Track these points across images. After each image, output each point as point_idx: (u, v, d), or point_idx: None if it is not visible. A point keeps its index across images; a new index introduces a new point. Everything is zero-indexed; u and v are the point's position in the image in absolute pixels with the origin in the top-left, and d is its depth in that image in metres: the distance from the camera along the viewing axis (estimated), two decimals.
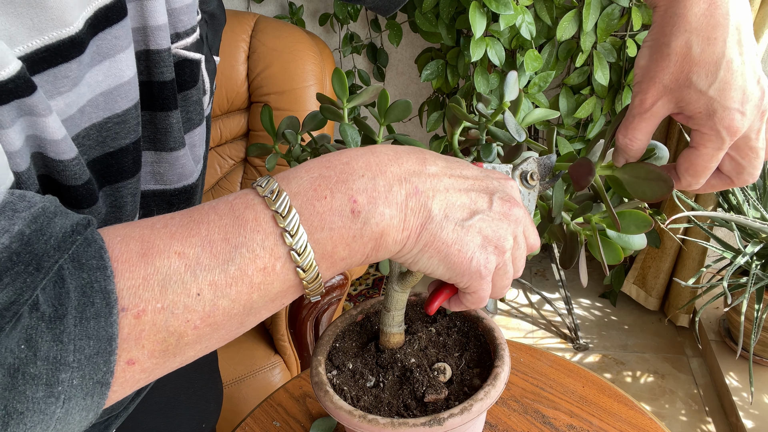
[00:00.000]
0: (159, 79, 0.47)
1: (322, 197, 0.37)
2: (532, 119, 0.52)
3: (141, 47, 0.46)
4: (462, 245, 0.40)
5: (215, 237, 0.35)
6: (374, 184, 0.38)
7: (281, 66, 1.65)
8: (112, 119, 0.43)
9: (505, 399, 0.76)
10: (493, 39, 1.54)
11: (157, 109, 0.48)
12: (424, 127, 2.02)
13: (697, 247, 1.82)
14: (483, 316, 0.66)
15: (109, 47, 0.41)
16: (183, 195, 0.53)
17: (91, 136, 0.43)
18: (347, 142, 0.52)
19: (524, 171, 0.49)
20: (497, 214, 0.41)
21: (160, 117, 0.48)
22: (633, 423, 0.72)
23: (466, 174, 0.42)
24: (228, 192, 1.72)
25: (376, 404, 0.58)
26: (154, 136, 0.49)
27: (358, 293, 2.25)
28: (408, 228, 0.39)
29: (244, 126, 1.74)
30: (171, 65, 0.47)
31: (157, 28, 0.45)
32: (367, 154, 0.40)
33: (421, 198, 0.39)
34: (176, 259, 0.34)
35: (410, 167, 0.39)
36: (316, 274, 0.37)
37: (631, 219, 0.43)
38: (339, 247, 0.38)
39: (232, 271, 0.35)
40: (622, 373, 1.85)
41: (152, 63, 0.46)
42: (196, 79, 0.51)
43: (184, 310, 0.34)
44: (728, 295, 1.42)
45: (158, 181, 0.51)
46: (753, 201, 1.45)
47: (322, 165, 0.39)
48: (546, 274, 2.27)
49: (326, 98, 0.56)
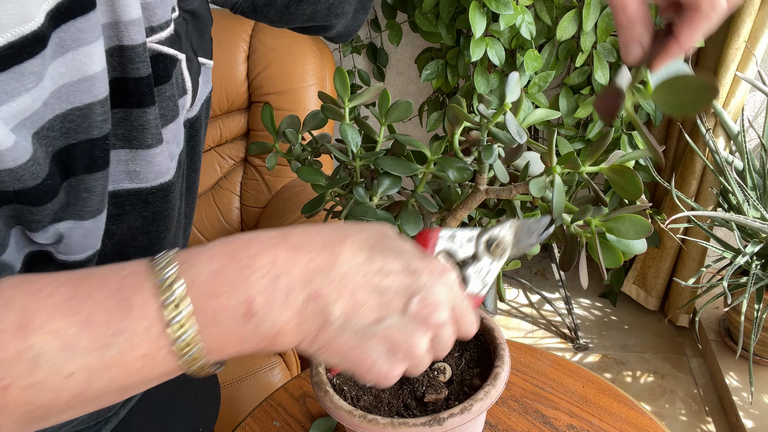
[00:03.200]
0: (134, 75, 0.46)
1: (218, 294, 0.36)
2: (533, 120, 0.52)
3: (114, 43, 0.44)
4: (362, 352, 0.38)
5: (98, 319, 0.34)
6: (275, 285, 0.36)
7: (281, 66, 1.65)
8: (74, 111, 0.42)
9: (505, 399, 0.76)
10: (493, 39, 1.54)
11: (132, 106, 0.47)
12: (424, 127, 2.01)
13: (697, 247, 1.82)
14: (483, 316, 0.66)
15: (72, 40, 0.40)
16: (159, 193, 0.52)
17: (55, 128, 0.41)
18: (347, 141, 0.52)
19: (492, 238, 0.47)
20: (413, 318, 0.39)
21: (135, 114, 0.47)
22: (633, 423, 0.72)
23: (390, 269, 0.39)
24: (228, 192, 1.72)
25: (376, 404, 0.58)
26: (129, 133, 0.48)
27: None
28: (303, 331, 0.37)
29: (244, 126, 1.74)
30: (147, 60, 0.46)
31: (131, 23, 0.44)
32: (276, 246, 0.38)
33: (321, 302, 0.37)
34: (53, 338, 0.33)
35: (319, 265, 0.38)
36: (201, 365, 0.37)
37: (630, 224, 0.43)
38: (229, 345, 0.37)
39: (111, 356, 0.34)
40: (622, 373, 1.85)
41: (127, 59, 0.45)
42: (169, 75, 0.50)
43: (54, 389, 0.33)
44: (728, 295, 1.42)
45: (134, 179, 0.50)
46: (753, 201, 1.45)
47: (227, 255, 0.37)
48: (546, 274, 2.27)
49: (327, 97, 0.56)
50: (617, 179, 0.44)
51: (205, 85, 0.57)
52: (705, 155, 1.66)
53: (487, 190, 0.51)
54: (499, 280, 0.60)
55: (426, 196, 0.53)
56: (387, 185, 0.50)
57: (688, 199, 1.61)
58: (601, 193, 0.46)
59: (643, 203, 0.51)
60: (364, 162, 0.53)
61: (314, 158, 0.59)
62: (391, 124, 0.54)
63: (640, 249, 0.46)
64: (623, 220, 0.43)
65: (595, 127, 1.69)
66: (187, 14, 0.53)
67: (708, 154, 1.66)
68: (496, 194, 0.51)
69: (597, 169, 0.46)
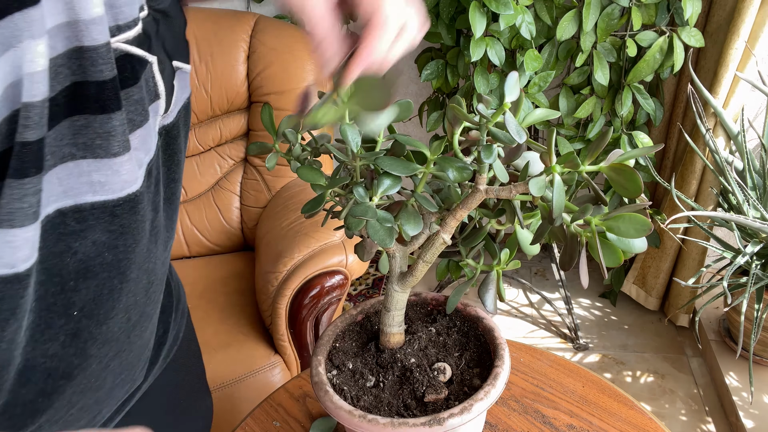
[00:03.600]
0: (97, 78, 0.43)
1: None
2: (533, 119, 0.52)
3: (72, 44, 0.41)
4: None
5: None
6: None
7: (281, 66, 1.65)
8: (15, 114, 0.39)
9: (505, 399, 0.76)
10: (493, 39, 1.54)
11: (95, 112, 0.44)
12: (424, 127, 2.01)
13: (697, 247, 1.82)
14: (483, 316, 0.66)
15: (11, 36, 0.37)
16: (127, 204, 0.49)
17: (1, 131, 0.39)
18: (347, 141, 0.52)
19: None
20: None
21: (99, 120, 0.44)
22: (633, 423, 0.72)
23: None
24: (228, 192, 1.72)
25: (376, 404, 0.58)
26: (93, 141, 0.44)
27: (358, 293, 2.25)
28: None
29: (244, 126, 1.74)
30: (111, 62, 0.43)
31: (91, 22, 0.41)
32: None
33: None
34: None
35: None
36: None
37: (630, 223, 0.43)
38: None
39: None
40: (622, 373, 1.85)
41: (87, 61, 0.42)
42: (137, 77, 0.47)
43: None
44: (728, 295, 1.42)
45: (98, 191, 0.46)
46: (753, 201, 1.45)
47: None
48: (546, 274, 2.27)
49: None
50: (617, 178, 0.44)
51: (182, 91, 0.54)
52: (705, 155, 1.66)
53: (486, 189, 0.51)
54: (499, 281, 0.60)
55: (426, 196, 0.53)
56: (387, 185, 0.50)
57: (688, 199, 1.61)
58: (601, 192, 0.46)
59: (643, 201, 0.51)
60: (364, 162, 0.53)
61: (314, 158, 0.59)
62: (391, 124, 0.54)
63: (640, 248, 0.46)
64: (623, 218, 0.43)
65: (596, 127, 1.69)
66: (158, 14, 0.50)
67: (708, 154, 1.66)
68: (496, 194, 0.51)
69: (597, 168, 0.46)
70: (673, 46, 1.54)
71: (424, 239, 0.57)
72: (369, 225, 0.50)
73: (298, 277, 1.34)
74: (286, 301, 1.35)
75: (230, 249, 1.76)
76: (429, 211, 0.54)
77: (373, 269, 2.37)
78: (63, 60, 0.42)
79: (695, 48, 1.64)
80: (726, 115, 1.62)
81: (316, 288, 1.34)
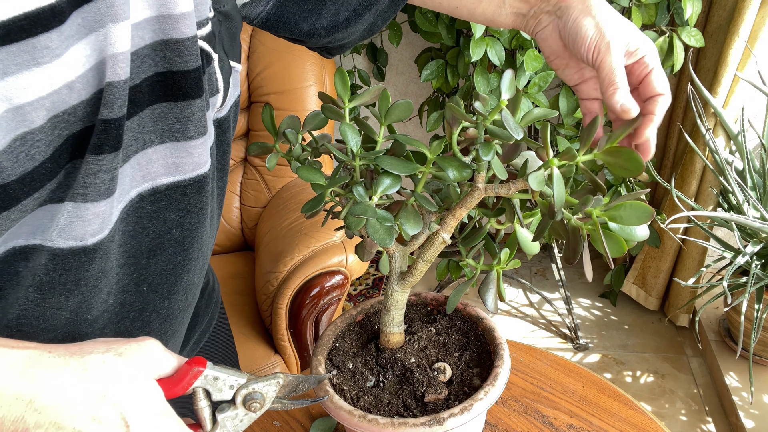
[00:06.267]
0: (182, 68, 0.46)
1: None
2: (531, 118, 0.52)
3: (159, 37, 0.45)
4: None
5: None
6: None
7: (281, 66, 1.65)
8: (96, 95, 0.42)
9: (505, 399, 0.76)
10: (493, 39, 1.54)
11: (178, 99, 0.47)
12: (424, 127, 2.02)
13: (697, 247, 1.82)
14: (483, 316, 0.66)
15: (93, 20, 0.40)
16: (196, 185, 0.52)
17: (78, 112, 0.42)
18: (347, 141, 0.52)
19: (251, 395, 0.49)
20: None
21: (180, 106, 0.48)
22: (633, 423, 0.72)
23: None
24: (228, 191, 1.72)
25: (376, 404, 0.58)
26: (172, 126, 0.48)
27: (358, 293, 2.25)
28: None
29: (244, 126, 1.74)
30: (197, 53, 0.46)
31: (182, 16, 0.44)
32: None
33: None
34: None
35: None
36: None
37: (632, 210, 0.43)
38: None
39: None
40: (622, 373, 1.85)
41: (173, 53, 0.45)
42: (203, 70, 0.50)
43: None
44: (728, 295, 1.42)
45: (172, 172, 0.51)
46: (753, 201, 1.45)
47: None
48: (546, 274, 2.27)
49: (328, 97, 0.56)
50: (615, 161, 0.44)
51: (235, 88, 0.58)
52: (705, 155, 1.67)
53: (485, 188, 0.51)
54: (499, 280, 0.60)
55: (425, 196, 0.53)
56: (387, 185, 0.50)
57: (688, 199, 1.61)
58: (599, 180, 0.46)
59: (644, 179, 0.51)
60: (364, 162, 0.53)
61: (314, 158, 0.59)
62: (391, 124, 0.54)
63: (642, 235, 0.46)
64: (624, 207, 0.43)
65: None
66: (221, 15, 0.53)
67: (708, 154, 1.66)
68: (495, 192, 0.51)
69: (593, 156, 0.46)
70: (673, 46, 1.54)
71: (424, 239, 0.57)
72: (369, 224, 0.51)
73: (298, 277, 1.34)
74: (286, 301, 1.35)
75: (230, 249, 1.77)
76: (429, 210, 0.54)
77: (373, 269, 2.37)
78: (148, 51, 0.45)
79: (695, 48, 1.64)
80: (726, 115, 1.62)
81: (316, 288, 1.34)
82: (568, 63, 0.59)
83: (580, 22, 0.54)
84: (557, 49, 0.59)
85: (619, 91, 0.52)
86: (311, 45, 0.67)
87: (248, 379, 0.49)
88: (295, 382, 0.52)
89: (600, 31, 0.53)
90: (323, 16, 0.63)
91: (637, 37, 0.54)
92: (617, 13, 0.55)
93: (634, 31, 0.55)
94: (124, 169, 0.47)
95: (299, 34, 0.64)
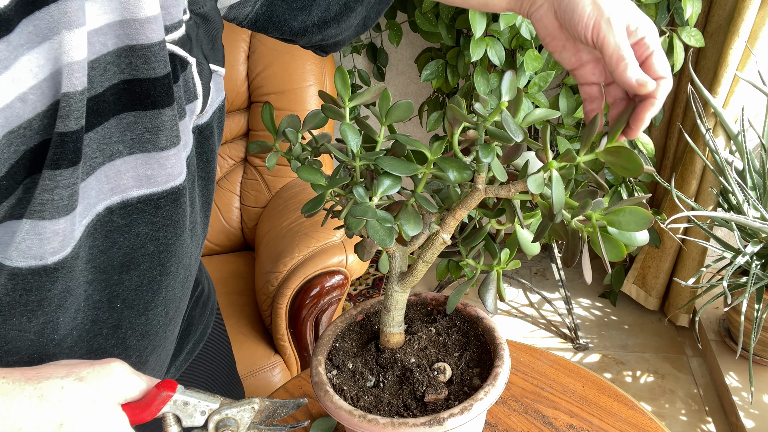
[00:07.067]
0: (149, 75, 0.44)
1: None
2: (532, 119, 0.52)
3: (123, 42, 0.42)
4: None
5: None
6: None
7: (281, 66, 1.65)
8: (52, 107, 0.40)
9: (505, 399, 0.76)
10: (493, 39, 1.54)
11: (146, 108, 0.45)
12: (424, 127, 2.01)
13: (697, 247, 1.82)
14: (483, 316, 0.66)
15: (47, 28, 0.38)
16: (170, 198, 0.50)
17: (34, 126, 0.39)
18: (347, 141, 0.52)
19: (224, 421, 0.47)
20: None
21: (150, 116, 0.45)
22: (633, 423, 0.72)
23: None
24: (228, 191, 1.72)
25: (376, 404, 0.58)
26: (141, 136, 0.46)
27: (358, 293, 2.25)
28: None
29: (244, 126, 1.74)
30: (165, 59, 0.44)
31: (147, 20, 0.42)
32: None
33: None
34: None
35: None
36: None
37: (631, 216, 0.43)
38: None
39: None
40: (622, 373, 1.85)
41: (139, 59, 0.43)
42: (177, 77, 0.48)
43: None
44: (728, 295, 1.42)
45: (143, 184, 0.48)
46: (753, 201, 1.45)
47: None
48: (546, 274, 2.27)
49: (328, 97, 0.56)
50: (615, 160, 0.44)
51: (218, 93, 0.56)
52: (705, 155, 1.66)
53: (485, 189, 0.51)
54: (499, 281, 0.60)
55: (426, 196, 0.53)
56: (387, 185, 0.50)
57: (688, 199, 1.61)
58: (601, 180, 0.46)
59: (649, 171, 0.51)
60: (364, 162, 0.53)
61: (314, 158, 0.59)
62: (392, 124, 0.54)
63: (642, 240, 0.46)
64: (624, 212, 0.43)
65: None
66: (198, 18, 0.51)
67: (708, 154, 1.66)
68: (495, 193, 0.51)
69: (593, 156, 0.46)
70: (673, 45, 1.54)
71: (424, 239, 0.57)
72: (369, 225, 0.50)
73: (298, 277, 1.34)
74: (286, 301, 1.35)
75: (230, 249, 1.76)
76: (429, 211, 0.54)
77: (373, 269, 2.37)
78: (112, 58, 0.42)
79: (695, 48, 1.64)
80: (726, 115, 1.62)
81: (316, 288, 1.34)
82: (564, 45, 0.57)
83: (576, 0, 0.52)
84: (553, 30, 0.56)
85: (630, 66, 0.49)
86: (304, 43, 0.66)
87: (221, 404, 0.48)
88: (272, 407, 0.51)
89: (598, 7, 0.51)
90: (314, 12, 0.61)
91: (637, 16, 0.52)
92: None
93: (634, 9, 0.52)
94: (88, 182, 0.45)
95: (290, 32, 0.62)
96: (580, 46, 0.56)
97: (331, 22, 0.63)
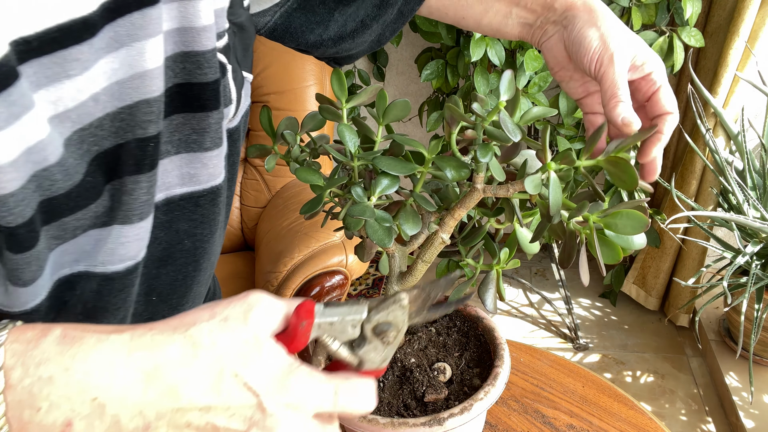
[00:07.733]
0: (201, 80, 0.46)
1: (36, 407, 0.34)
2: (530, 117, 0.52)
3: (179, 48, 0.45)
4: None
5: None
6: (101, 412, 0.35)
7: (281, 66, 1.65)
8: (125, 110, 0.42)
9: (505, 399, 0.76)
10: (492, 39, 1.54)
11: (195, 110, 0.47)
12: (423, 127, 2.01)
13: (697, 247, 1.82)
14: (483, 316, 0.66)
15: (126, 35, 0.40)
16: (209, 196, 0.52)
17: (105, 126, 0.41)
18: (345, 142, 0.52)
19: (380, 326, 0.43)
20: None
21: (198, 118, 0.47)
22: (633, 423, 0.72)
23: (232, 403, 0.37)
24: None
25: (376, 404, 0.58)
26: (188, 137, 0.48)
27: (358, 293, 2.25)
28: None
29: None
30: (216, 65, 0.46)
31: (203, 29, 0.44)
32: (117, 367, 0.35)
33: None
34: None
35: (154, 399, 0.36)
36: None
37: (628, 219, 0.43)
38: None
39: None
40: (622, 373, 1.85)
41: (193, 65, 0.45)
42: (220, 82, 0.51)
43: None
44: (728, 294, 1.42)
45: (186, 183, 0.50)
46: (753, 201, 1.45)
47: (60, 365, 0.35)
48: (546, 274, 2.27)
49: (325, 98, 0.56)
50: (614, 170, 0.44)
51: (246, 98, 0.57)
52: (705, 155, 1.66)
53: (484, 188, 0.51)
54: (498, 280, 0.60)
55: (424, 196, 0.53)
56: (385, 185, 0.50)
57: (688, 199, 1.61)
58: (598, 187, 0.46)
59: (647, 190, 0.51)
60: (362, 162, 0.53)
61: (313, 159, 0.59)
62: (390, 124, 0.54)
63: (639, 244, 0.46)
64: (621, 215, 0.43)
65: None
66: (236, 27, 0.53)
67: (708, 154, 1.66)
68: (494, 193, 0.51)
69: (593, 163, 0.46)
70: (673, 46, 1.54)
71: (423, 239, 0.57)
72: (368, 225, 0.50)
73: (298, 277, 1.34)
74: None
75: (230, 249, 1.76)
76: (428, 210, 0.54)
77: (373, 269, 2.37)
78: (169, 63, 0.45)
79: (695, 48, 1.64)
80: (726, 115, 1.62)
81: (316, 288, 1.34)
82: (572, 75, 0.59)
83: (584, 33, 0.54)
84: (562, 60, 0.59)
85: (621, 104, 0.51)
86: (318, 55, 0.67)
87: (369, 308, 0.43)
88: (421, 293, 0.46)
89: (604, 42, 0.53)
90: (330, 27, 0.62)
91: (644, 52, 0.53)
92: (624, 26, 0.55)
93: (641, 45, 0.54)
94: None
95: (306, 44, 0.64)
96: (587, 78, 0.58)
97: (346, 38, 0.64)
